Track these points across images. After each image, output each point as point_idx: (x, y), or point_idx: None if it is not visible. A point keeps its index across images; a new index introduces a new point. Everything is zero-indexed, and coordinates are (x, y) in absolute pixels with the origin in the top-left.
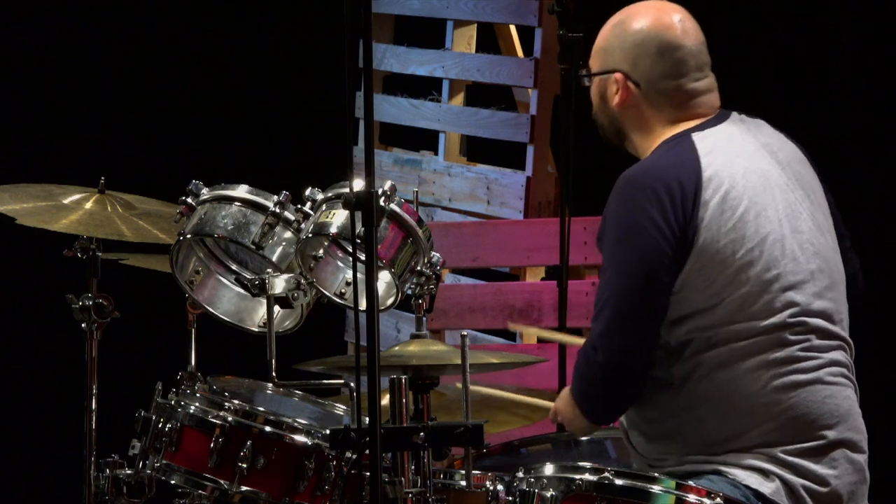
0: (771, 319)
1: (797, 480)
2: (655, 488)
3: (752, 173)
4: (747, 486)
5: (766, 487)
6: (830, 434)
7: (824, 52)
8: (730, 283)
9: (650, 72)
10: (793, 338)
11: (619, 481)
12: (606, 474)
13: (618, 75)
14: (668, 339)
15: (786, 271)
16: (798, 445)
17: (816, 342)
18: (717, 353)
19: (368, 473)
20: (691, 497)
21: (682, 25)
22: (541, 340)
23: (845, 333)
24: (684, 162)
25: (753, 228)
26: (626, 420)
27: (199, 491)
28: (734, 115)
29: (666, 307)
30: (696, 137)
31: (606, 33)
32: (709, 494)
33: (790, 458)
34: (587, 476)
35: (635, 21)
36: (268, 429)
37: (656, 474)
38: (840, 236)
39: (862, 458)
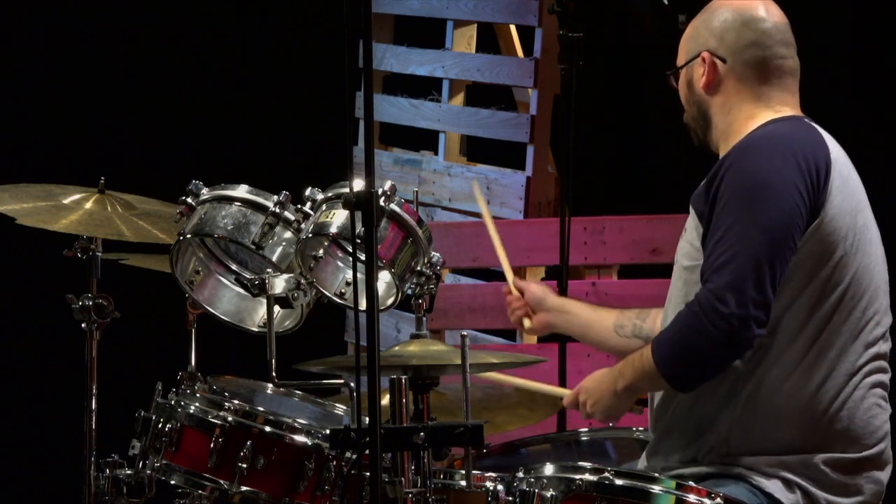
0: (849, 323)
1: (821, 494)
2: (655, 488)
3: (853, 172)
4: (767, 494)
5: (787, 498)
6: (867, 453)
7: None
8: (835, 267)
9: (735, 43)
10: (862, 348)
11: (619, 481)
12: (606, 474)
13: (704, 54)
14: None
15: (874, 273)
16: (836, 455)
17: (874, 362)
18: (787, 343)
19: (368, 473)
20: (691, 497)
21: (765, 6)
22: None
23: (888, 344)
24: (813, 138)
25: (862, 221)
26: (666, 413)
27: (199, 491)
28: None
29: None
30: (812, 122)
31: (691, 26)
32: (709, 495)
33: (824, 468)
34: (587, 476)
35: (719, 7)
36: (268, 429)
37: (656, 474)
38: None
39: (884, 480)
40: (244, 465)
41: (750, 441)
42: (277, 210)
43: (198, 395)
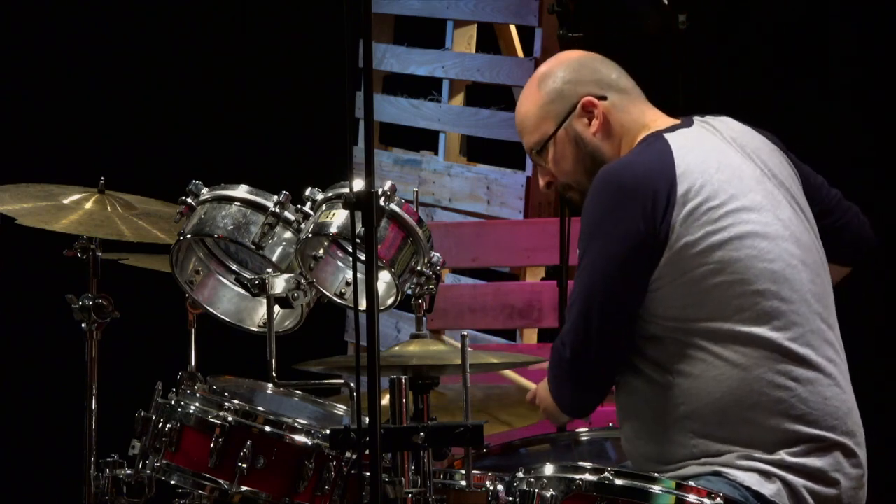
0: (761, 307)
1: (800, 481)
2: (655, 488)
3: (725, 168)
4: (747, 488)
5: (767, 489)
6: (832, 436)
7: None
8: (714, 273)
9: (608, 77)
10: (786, 331)
11: (619, 481)
12: (606, 474)
13: (584, 101)
14: (661, 336)
15: (771, 259)
16: (802, 446)
17: (810, 336)
18: (713, 349)
19: (368, 473)
20: (691, 497)
21: (576, 54)
22: None
23: (833, 320)
24: (658, 159)
25: (731, 220)
26: (625, 425)
27: (199, 491)
28: (697, 118)
29: (638, 304)
30: (669, 136)
31: (535, 99)
32: (709, 495)
33: (793, 459)
34: (587, 476)
35: (555, 69)
36: (268, 429)
37: (656, 474)
38: (829, 197)
39: (862, 463)
40: (244, 465)
41: (713, 442)
42: (277, 210)
43: (198, 395)
